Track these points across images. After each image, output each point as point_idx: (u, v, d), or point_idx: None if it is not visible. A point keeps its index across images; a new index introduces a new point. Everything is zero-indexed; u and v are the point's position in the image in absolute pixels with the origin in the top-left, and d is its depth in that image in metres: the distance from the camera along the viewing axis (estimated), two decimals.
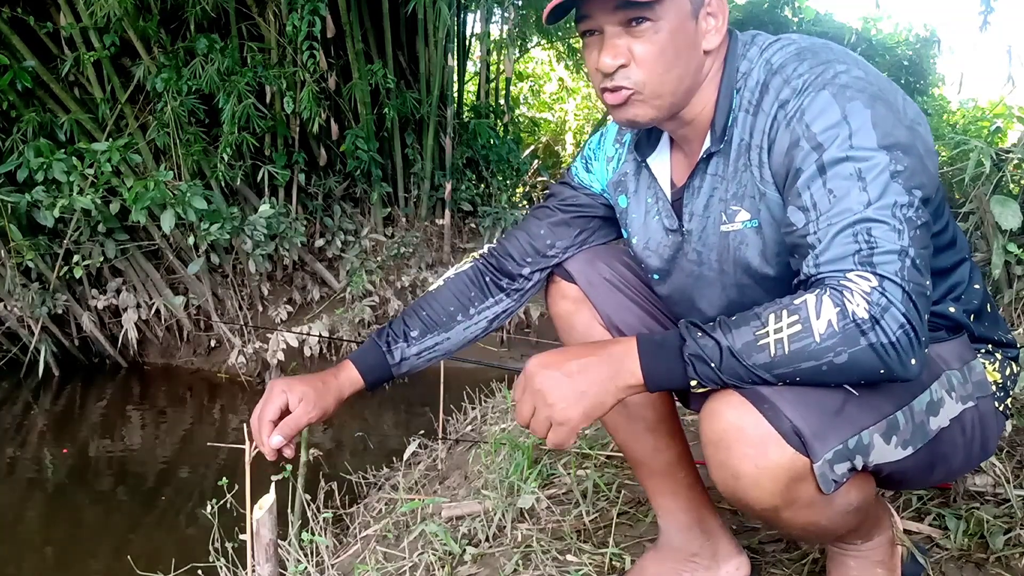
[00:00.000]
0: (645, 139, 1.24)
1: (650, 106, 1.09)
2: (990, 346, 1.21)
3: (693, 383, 0.97)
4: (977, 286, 1.19)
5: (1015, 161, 3.12)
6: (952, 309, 1.15)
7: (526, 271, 1.37)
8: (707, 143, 1.13)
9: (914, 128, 1.01)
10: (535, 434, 1.05)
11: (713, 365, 0.95)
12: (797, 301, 0.93)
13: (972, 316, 1.18)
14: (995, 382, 1.18)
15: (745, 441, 0.96)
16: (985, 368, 1.18)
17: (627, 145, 1.30)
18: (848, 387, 0.98)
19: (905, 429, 1.03)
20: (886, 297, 0.90)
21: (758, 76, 1.08)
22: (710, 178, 1.14)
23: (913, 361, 0.91)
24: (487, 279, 1.38)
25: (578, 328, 1.36)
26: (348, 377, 1.31)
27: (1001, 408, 1.20)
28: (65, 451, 3.85)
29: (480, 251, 1.42)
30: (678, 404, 1.42)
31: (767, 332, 0.93)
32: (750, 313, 0.96)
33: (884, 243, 0.93)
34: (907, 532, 1.38)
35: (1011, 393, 1.22)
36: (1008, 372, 1.20)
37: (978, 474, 1.63)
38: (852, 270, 0.93)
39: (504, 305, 1.39)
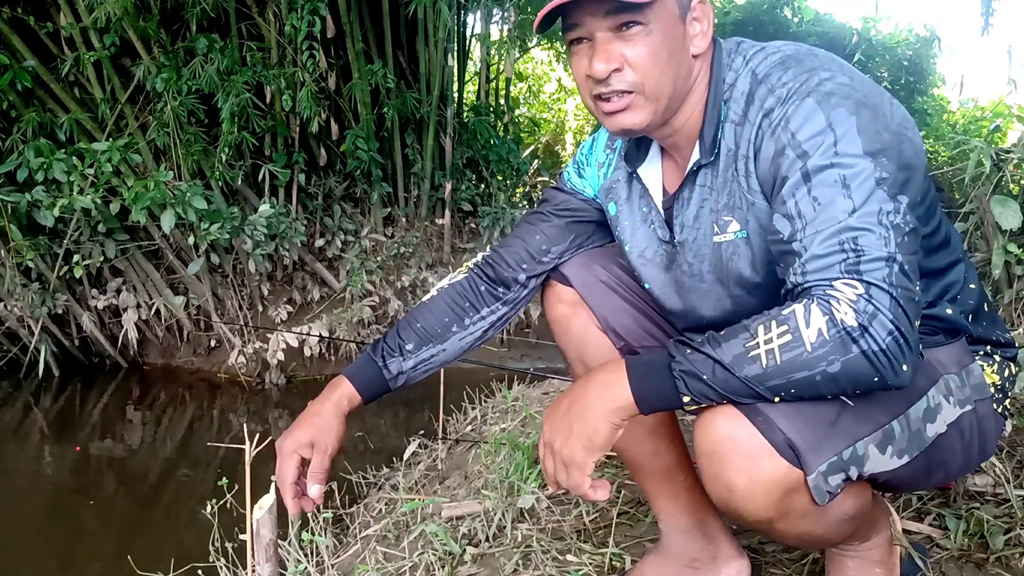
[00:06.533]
0: (635, 149, 1.23)
1: (648, 110, 1.08)
2: (988, 347, 1.20)
3: (685, 399, 0.96)
4: (973, 286, 1.18)
5: (1015, 161, 3.12)
6: (949, 311, 1.15)
7: (522, 277, 1.36)
8: (696, 155, 1.13)
9: (901, 132, 1.01)
10: (559, 486, 1.05)
11: (706, 378, 0.94)
12: (785, 311, 0.93)
13: (969, 317, 1.18)
14: (993, 384, 1.18)
15: (739, 453, 0.96)
16: (984, 370, 1.17)
17: (618, 152, 1.29)
18: (843, 398, 0.97)
19: (901, 438, 1.03)
20: (873, 304, 0.90)
21: (743, 86, 1.08)
22: (699, 189, 1.14)
23: (905, 367, 0.91)
24: (482, 288, 1.37)
25: (575, 331, 1.36)
26: (345, 394, 1.31)
27: (1000, 409, 1.19)
28: (78, 448, 3.85)
29: (474, 260, 1.42)
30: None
31: (757, 343, 0.92)
32: (738, 326, 0.96)
33: (870, 250, 0.92)
34: (907, 532, 1.38)
35: (1009, 394, 1.22)
36: (1007, 373, 1.20)
37: (978, 474, 1.63)
38: (838, 278, 0.92)
39: (500, 313, 1.38)
